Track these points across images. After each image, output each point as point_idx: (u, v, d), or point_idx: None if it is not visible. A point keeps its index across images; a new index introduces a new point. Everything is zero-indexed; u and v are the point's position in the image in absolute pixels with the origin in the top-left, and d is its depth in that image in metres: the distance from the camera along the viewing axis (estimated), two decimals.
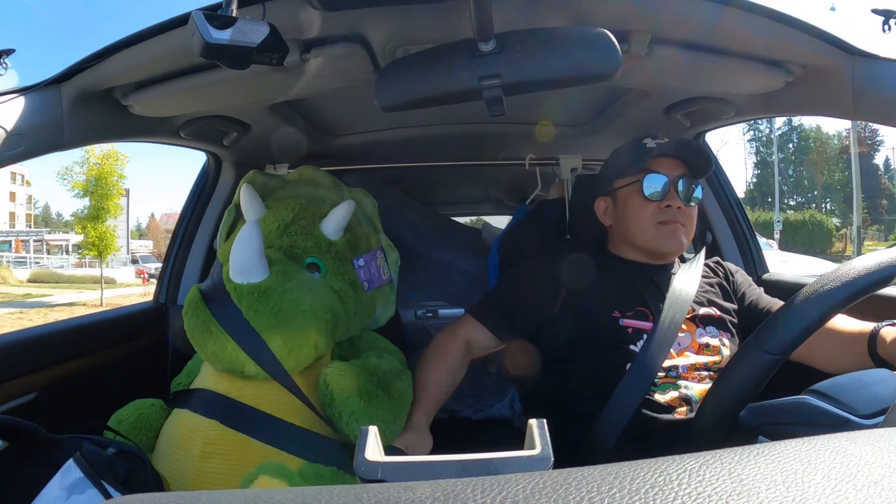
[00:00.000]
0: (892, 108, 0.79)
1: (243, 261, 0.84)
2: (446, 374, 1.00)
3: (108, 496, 0.67)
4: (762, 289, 1.07)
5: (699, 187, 1.01)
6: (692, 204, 0.99)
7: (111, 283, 16.41)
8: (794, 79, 0.89)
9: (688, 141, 1.00)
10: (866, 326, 0.83)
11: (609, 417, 0.86)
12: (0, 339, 0.91)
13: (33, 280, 18.96)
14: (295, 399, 0.86)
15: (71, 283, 17.91)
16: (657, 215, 0.98)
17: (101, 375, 1.08)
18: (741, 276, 1.09)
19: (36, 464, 0.69)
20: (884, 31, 0.72)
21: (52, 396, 0.95)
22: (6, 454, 0.70)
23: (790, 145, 32.89)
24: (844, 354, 0.83)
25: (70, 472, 0.67)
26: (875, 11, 0.73)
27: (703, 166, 0.99)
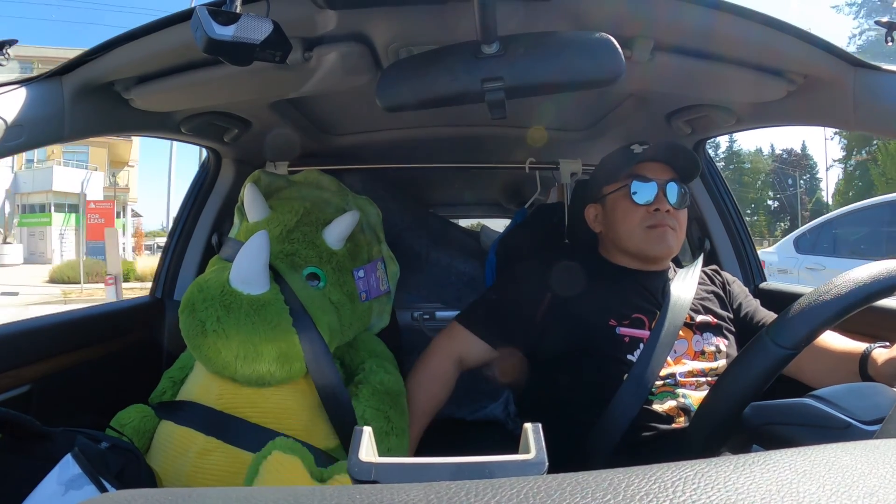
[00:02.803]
0: (893, 120, 0.79)
1: (247, 270, 0.84)
2: (432, 401, 1.01)
3: (104, 492, 0.66)
4: (759, 301, 1.06)
5: (688, 191, 1.00)
6: (681, 207, 0.99)
7: None
8: (796, 88, 0.89)
9: (674, 144, 0.99)
10: (858, 346, 0.83)
11: (606, 426, 0.85)
12: None
13: None
14: (290, 402, 0.85)
15: None
16: (646, 219, 0.97)
17: (97, 369, 1.08)
18: (738, 287, 1.08)
19: (29, 456, 0.68)
20: (887, 42, 0.72)
21: (46, 389, 0.95)
22: None
23: (731, 166, 36.07)
24: (835, 372, 0.84)
25: (68, 467, 0.66)
26: (878, 23, 0.73)
27: (691, 170, 0.99)
